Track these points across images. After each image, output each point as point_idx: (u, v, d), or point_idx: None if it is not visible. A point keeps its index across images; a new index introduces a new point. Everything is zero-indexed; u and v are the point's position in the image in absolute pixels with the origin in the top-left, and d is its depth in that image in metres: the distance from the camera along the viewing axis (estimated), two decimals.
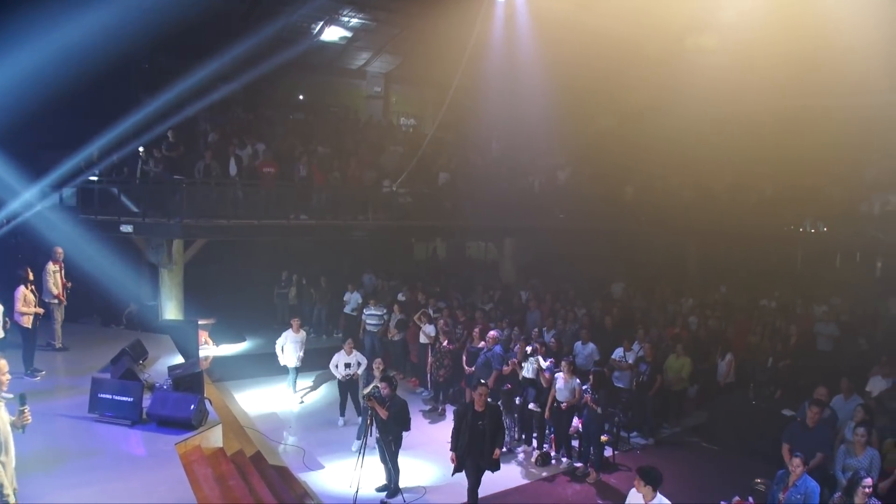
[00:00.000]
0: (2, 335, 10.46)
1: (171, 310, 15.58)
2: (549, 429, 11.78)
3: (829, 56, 17.04)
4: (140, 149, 16.54)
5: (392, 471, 9.74)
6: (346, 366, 12.29)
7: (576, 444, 11.41)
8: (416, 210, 18.76)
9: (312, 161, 17.89)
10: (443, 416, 13.34)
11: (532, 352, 11.84)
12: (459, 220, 19.28)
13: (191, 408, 8.53)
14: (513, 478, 10.61)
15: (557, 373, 11.26)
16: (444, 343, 13.40)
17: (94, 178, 15.81)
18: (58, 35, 14.74)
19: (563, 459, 11.39)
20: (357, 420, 11.80)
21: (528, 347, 12.07)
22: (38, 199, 14.71)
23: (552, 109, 20.72)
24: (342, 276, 19.29)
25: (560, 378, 11.08)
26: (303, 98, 24.42)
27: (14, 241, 14.96)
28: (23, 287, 11.05)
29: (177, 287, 15.67)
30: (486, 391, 9.16)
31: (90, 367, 10.96)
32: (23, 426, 5.95)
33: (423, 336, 14.41)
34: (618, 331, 14.33)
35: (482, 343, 12.63)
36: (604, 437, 10.88)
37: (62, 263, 12.24)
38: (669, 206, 20.86)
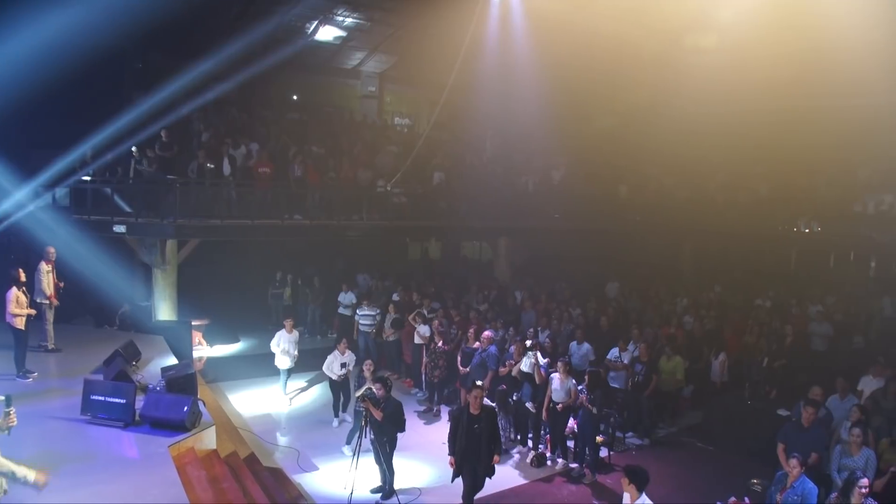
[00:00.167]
0: None
1: (165, 310, 15.51)
2: (545, 429, 11.76)
3: (824, 57, 17.08)
4: (133, 149, 16.45)
5: (387, 472, 9.69)
6: (342, 366, 12.27)
7: (571, 445, 11.38)
8: (411, 210, 18.75)
9: (307, 161, 17.85)
10: (438, 417, 13.31)
11: (531, 346, 11.81)
12: (454, 220, 19.28)
13: (184, 409, 8.48)
14: (508, 479, 10.55)
15: (553, 373, 11.23)
16: (439, 343, 13.37)
17: (87, 178, 15.74)
18: (51, 34, 14.67)
19: (559, 460, 11.35)
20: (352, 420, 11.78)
21: (529, 341, 12.05)
22: (31, 200, 14.63)
23: (547, 109, 20.70)
24: (335, 276, 19.25)
25: (556, 378, 11.04)
26: (297, 98, 24.33)
27: (6, 242, 14.89)
28: (14, 288, 10.96)
29: (170, 287, 15.60)
30: (482, 394, 9.10)
31: (83, 369, 10.90)
32: (8, 428, 5.88)
33: (418, 336, 14.37)
34: (613, 331, 14.32)
35: (477, 343, 12.62)
36: (599, 438, 10.88)
37: (54, 263, 12.16)
38: (664, 206, 20.88)
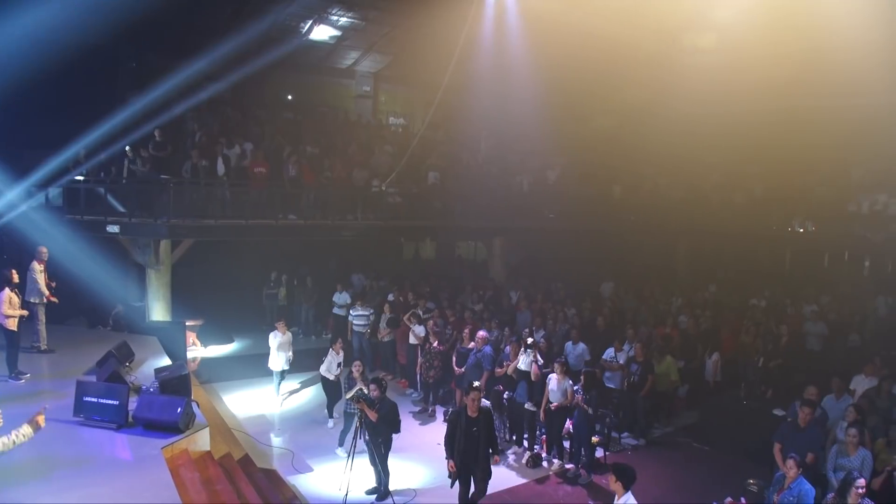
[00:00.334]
0: None
1: (159, 311, 15.43)
2: (540, 430, 11.74)
3: (819, 58, 17.15)
4: (127, 148, 16.38)
5: (382, 473, 9.65)
6: (339, 365, 12.27)
7: (567, 445, 11.35)
8: (406, 210, 18.71)
9: (302, 161, 17.80)
10: (433, 418, 13.27)
11: (531, 344, 11.80)
12: (449, 220, 19.25)
13: (177, 411, 8.41)
14: (504, 479, 10.50)
15: (550, 374, 11.20)
16: (434, 344, 13.33)
17: (81, 178, 15.67)
18: (44, 32, 14.61)
19: (555, 461, 11.32)
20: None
21: (530, 339, 12.02)
22: (24, 200, 14.55)
23: (542, 109, 20.68)
24: (328, 276, 19.20)
25: (553, 379, 11.01)
26: (291, 97, 24.29)
27: None
28: (7, 289, 10.88)
29: (164, 288, 15.53)
30: (480, 396, 9.05)
31: (76, 370, 10.80)
32: None
33: (413, 337, 14.34)
34: (608, 331, 14.30)
35: (472, 344, 12.59)
36: (595, 439, 10.85)
37: (45, 263, 12.06)
38: (659, 206, 20.88)
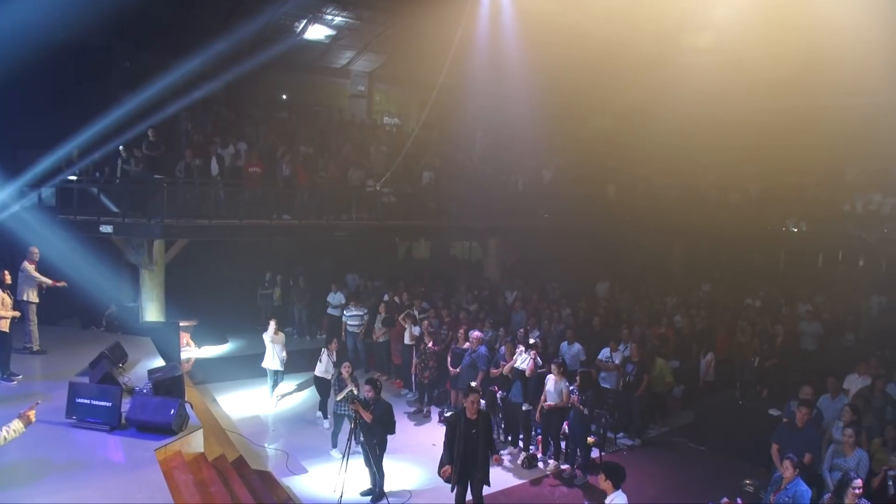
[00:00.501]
0: None
1: (152, 311, 15.36)
2: (536, 430, 11.71)
3: (814, 58, 17.14)
4: (120, 148, 16.32)
5: (377, 474, 9.62)
6: (333, 365, 12.24)
7: (563, 446, 11.33)
8: (400, 210, 18.68)
9: (296, 161, 17.74)
10: (428, 418, 13.25)
11: (532, 345, 11.80)
12: (443, 220, 19.22)
13: (171, 412, 8.35)
14: (499, 480, 10.43)
15: (548, 374, 11.17)
16: (429, 344, 13.30)
17: (74, 178, 15.59)
18: (37, 31, 14.53)
19: (550, 461, 11.30)
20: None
21: (532, 340, 12.05)
22: (16, 200, 14.46)
23: (537, 109, 20.67)
24: (322, 277, 19.17)
25: (550, 380, 10.99)
26: (286, 97, 24.21)
27: None
28: (0, 291, 10.80)
29: (158, 288, 15.45)
30: (479, 398, 9.01)
31: (68, 371, 10.72)
32: None
33: (408, 337, 14.30)
34: (603, 331, 14.29)
35: (467, 344, 12.56)
36: (591, 439, 10.83)
37: (36, 264, 11.96)
38: (654, 206, 20.88)
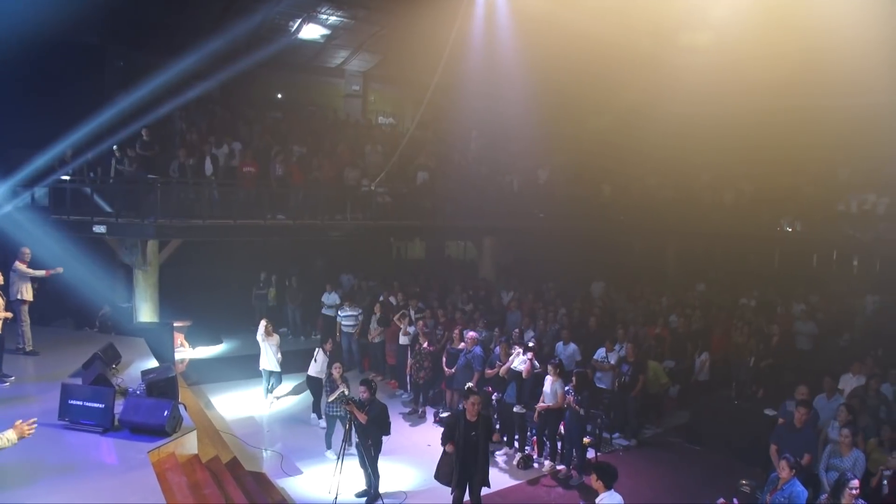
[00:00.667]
0: None
1: (146, 312, 15.32)
2: (531, 430, 11.69)
3: (807, 58, 17.17)
4: (114, 147, 16.25)
5: (372, 476, 9.57)
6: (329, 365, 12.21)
7: (559, 446, 11.30)
8: (395, 209, 18.65)
9: (290, 160, 17.69)
10: (423, 419, 13.22)
11: (532, 347, 11.79)
12: (438, 220, 19.20)
13: (164, 414, 8.29)
14: (495, 481, 10.27)
15: (546, 375, 11.14)
16: (424, 345, 13.27)
17: (67, 178, 15.52)
18: (31, 30, 14.45)
19: (546, 462, 11.27)
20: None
21: (531, 343, 12.07)
22: (9, 199, 14.39)
23: (532, 109, 20.66)
24: (315, 277, 19.10)
25: (547, 380, 10.97)
26: (280, 96, 24.18)
27: None
28: None
29: (152, 288, 15.42)
30: (479, 400, 8.98)
31: (61, 372, 10.65)
32: None
33: (404, 337, 14.27)
34: (599, 331, 14.27)
35: (462, 344, 12.53)
36: (586, 440, 10.81)
37: (27, 265, 11.90)
38: (649, 206, 20.88)
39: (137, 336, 13.72)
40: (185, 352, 15.95)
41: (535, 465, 11.28)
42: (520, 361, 11.54)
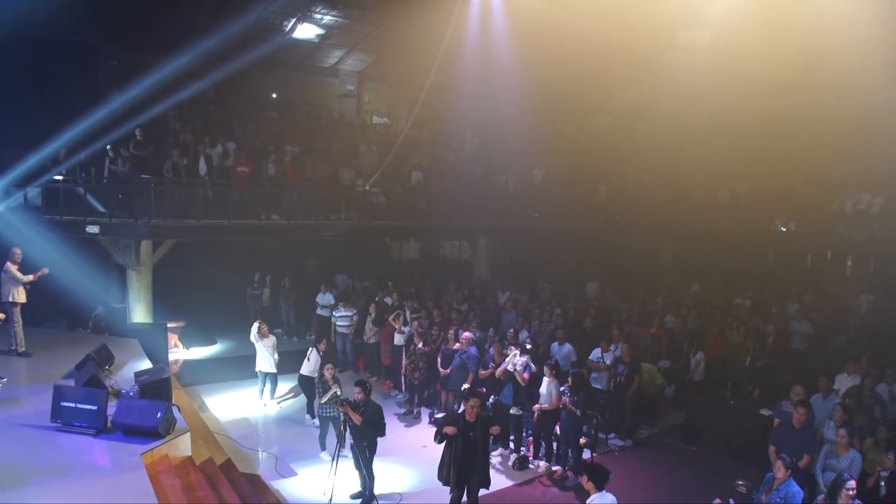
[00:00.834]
0: None
1: (140, 312, 15.23)
2: (527, 431, 11.66)
3: (803, 58, 17.19)
4: (108, 147, 16.17)
5: (367, 477, 9.54)
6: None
7: (554, 446, 11.27)
8: (390, 209, 18.61)
9: (284, 160, 17.64)
10: (418, 420, 13.18)
11: (528, 350, 11.76)
12: (433, 220, 19.17)
13: (157, 416, 8.24)
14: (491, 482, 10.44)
15: (544, 377, 11.12)
16: (419, 345, 13.22)
17: (60, 178, 15.43)
18: (24, 29, 14.38)
19: (541, 462, 11.25)
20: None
21: (528, 345, 12.08)
22: (1, 199, 14.32)
23: (527, 109, 20.63)
24: (310, 277, 19.03)
25: (544, 381, 10.94)
26: (275, 96, 24.10)
27: None
28: None
29: (145, 289, 15.33)
30: (479, 402, 8.95)
31: (54, 374, 10.60)
32: None
33: (398, 337, 14.23)
34: (594, 331, 14.25)
35: (457, 345, 12.49)
36: (582, 440, 10.78)
37: (19, 265, 11.82)
38: (644, 206, 20.89)
39: (131, 337, 13.65)
40: (179, 353, 15.85)
41: (531, 466, 11.26)
42: (517, 363, 11.50)
